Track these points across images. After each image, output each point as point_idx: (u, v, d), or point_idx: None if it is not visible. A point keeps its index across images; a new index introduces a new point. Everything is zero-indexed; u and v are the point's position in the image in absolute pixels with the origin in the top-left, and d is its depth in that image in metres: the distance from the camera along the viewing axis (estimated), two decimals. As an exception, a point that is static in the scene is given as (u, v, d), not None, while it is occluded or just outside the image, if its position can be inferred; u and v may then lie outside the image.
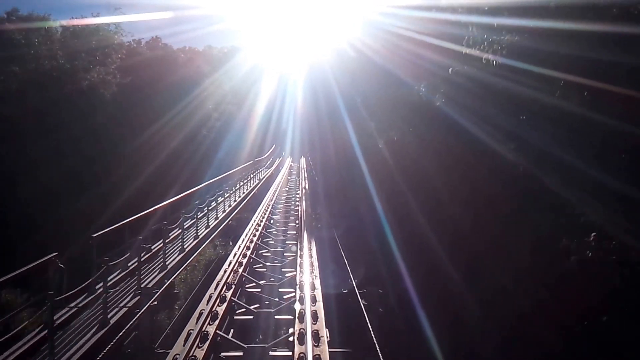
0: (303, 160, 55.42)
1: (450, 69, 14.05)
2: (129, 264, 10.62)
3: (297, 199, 24.14)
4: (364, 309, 10.71)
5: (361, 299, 11.89)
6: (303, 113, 62.08)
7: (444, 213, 15.05)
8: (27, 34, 23.81)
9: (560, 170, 10.78)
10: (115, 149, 23.85)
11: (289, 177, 39.83)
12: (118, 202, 18.51)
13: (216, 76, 45.96)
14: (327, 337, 7.04)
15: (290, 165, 53.88)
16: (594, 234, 10.02)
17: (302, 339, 6.81)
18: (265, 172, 40.72)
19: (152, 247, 11.98)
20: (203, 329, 7.22)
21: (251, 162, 35.79)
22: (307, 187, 31.85)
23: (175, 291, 12.50)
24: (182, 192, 16.35)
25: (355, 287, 12.68)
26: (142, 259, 10.07)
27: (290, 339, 7.26)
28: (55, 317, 7.42)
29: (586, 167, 10.20)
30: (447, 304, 13.14)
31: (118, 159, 23.30)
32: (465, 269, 13.32)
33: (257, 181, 32.68)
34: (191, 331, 7.23)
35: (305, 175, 39.54)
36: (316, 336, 6.88)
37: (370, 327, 9.25)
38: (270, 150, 56.77)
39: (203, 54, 52.62)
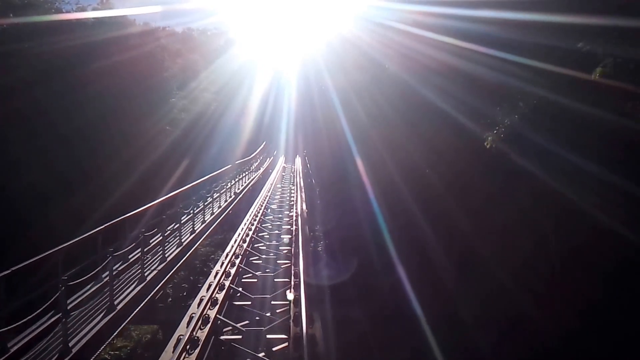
0: (299, 161, 48.11)
1: (440, 61, 13.99)
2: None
3: (289, 241, 14.01)
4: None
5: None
6: (298, 108, 61.41)
7: (442, 210, 14.94)
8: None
9: (558, 165, 10.70)
10: (103, 148, 23.62)
11: (281, 185, 31.41)
12: (106, 204, 18.31)
13: (197, 61, 43.65)
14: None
15: (283, 167, 45.26)
16: (591, 227, 9.96)
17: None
18: (249, 178, 32.30)
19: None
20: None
21: (229, 166, 27.50)
22: (305, 207, 21.86)
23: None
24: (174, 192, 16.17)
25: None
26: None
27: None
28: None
29: (583, 162, 10.18)
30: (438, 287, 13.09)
31: (107, 158, 23.08)
32: (460, 263, 13.25)
33: (233, 196, 24.04)
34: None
35: (302, 185, 29.72)
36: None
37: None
38: (259, 149, 48.12)
39: (182, 36, 47.70)
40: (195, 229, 15.48)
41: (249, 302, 9.21)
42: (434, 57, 15.04)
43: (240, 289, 9.83)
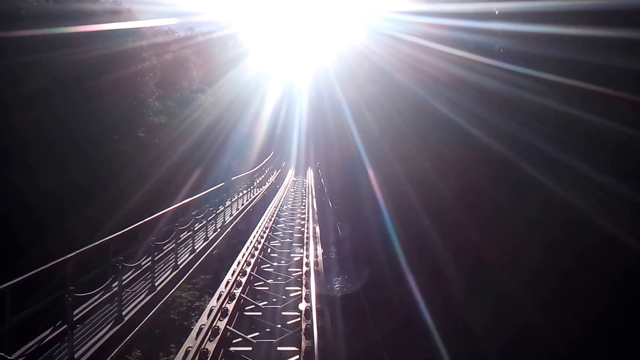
0: (310, 174, 43.94)
1: (450, 73, 14.19)
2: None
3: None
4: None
5: None
6: (309, 119, 61.95)
7: (451, 220, 14.98)
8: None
9: (567, 176, 10.78)
10: (119, 157, 24.07)
11: (289, 206, 26.65)
12: (121, 211, 18.67)
13: (211, 71, 43.87)
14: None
15: (293, 181, 40.88)
16: (599, 237, 10.00)
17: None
18: (248, 198, 28.70)
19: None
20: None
21: (221, 184, 24.56)
22: (322, 250, 15.30)
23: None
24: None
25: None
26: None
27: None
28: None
29: (593, 173, 10.25)
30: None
31: (122, 167, 23.51)
32: (469, 273, 13.30)
33: (219, 230, 19.08)
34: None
35: (316, 209, 23.96)
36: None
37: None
38: (265, 160, 44.65)
39: (196, 47, 45.01)
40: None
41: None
42: (445, 69, 15.25)
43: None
